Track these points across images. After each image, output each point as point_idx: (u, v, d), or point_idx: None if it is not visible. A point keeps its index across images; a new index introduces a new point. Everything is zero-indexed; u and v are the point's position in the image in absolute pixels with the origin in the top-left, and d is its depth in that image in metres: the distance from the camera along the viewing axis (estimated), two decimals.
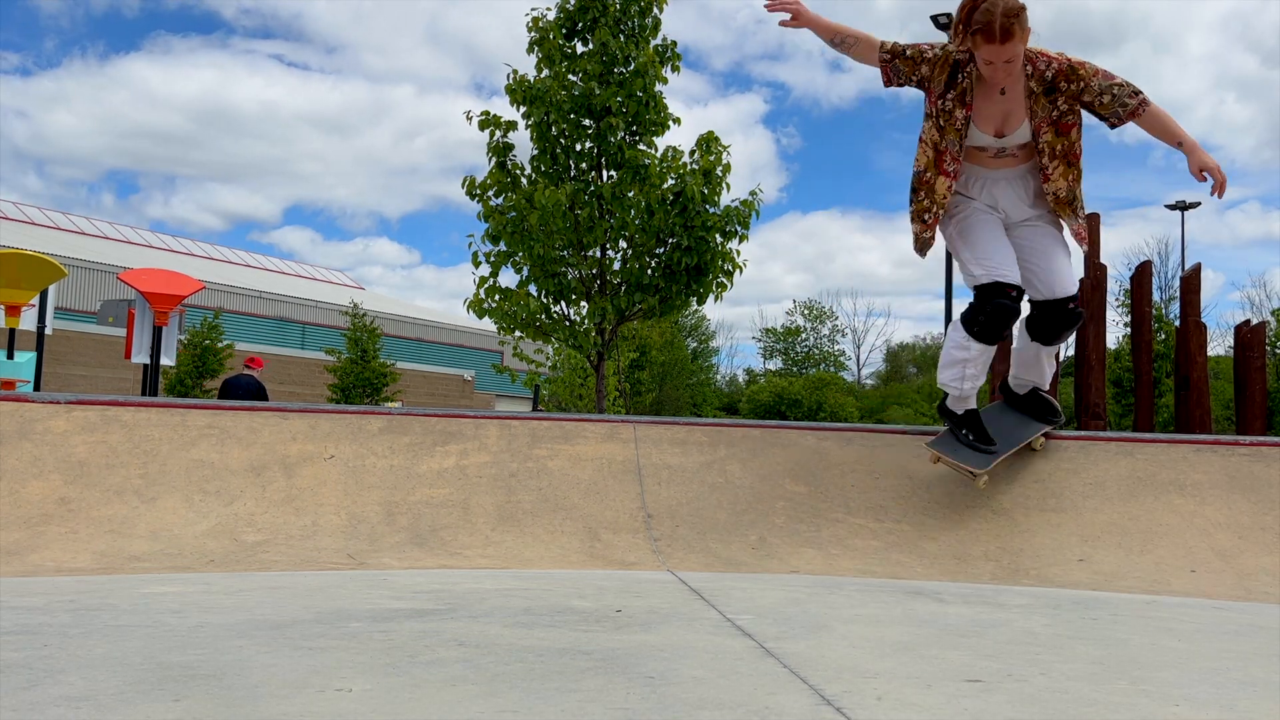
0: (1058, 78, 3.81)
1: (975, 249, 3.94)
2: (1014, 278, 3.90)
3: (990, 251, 3.92)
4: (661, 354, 42.53)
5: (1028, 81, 3.81)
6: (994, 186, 4.02)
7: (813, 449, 4.45)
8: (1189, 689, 1.90)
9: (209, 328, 26.05)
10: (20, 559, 3.30)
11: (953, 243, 4.08)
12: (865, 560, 3.71)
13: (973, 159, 3.98)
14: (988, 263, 3.89)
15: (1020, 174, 4.02)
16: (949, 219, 4.05)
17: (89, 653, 1.94)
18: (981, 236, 3.95)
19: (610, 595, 2.86)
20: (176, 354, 13.39)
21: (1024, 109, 3.84)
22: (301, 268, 54.89)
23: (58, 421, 4.10)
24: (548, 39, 11.38)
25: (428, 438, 4.32)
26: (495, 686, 1.76)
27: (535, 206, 10.70)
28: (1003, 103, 3.83)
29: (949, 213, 4.04)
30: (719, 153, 11.23)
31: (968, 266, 3.95)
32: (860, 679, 1.89)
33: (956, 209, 4.04)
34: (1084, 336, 6.27)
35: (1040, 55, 3.81)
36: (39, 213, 43.70)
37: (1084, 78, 3.80)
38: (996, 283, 3.86)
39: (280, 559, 3.46)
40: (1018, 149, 3.94)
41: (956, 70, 3.84)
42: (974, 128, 3.89)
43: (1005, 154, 3.95)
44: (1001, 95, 3.81)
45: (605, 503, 4.06)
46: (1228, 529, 3.97)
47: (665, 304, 11.50)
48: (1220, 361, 25.17)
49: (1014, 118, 3.86)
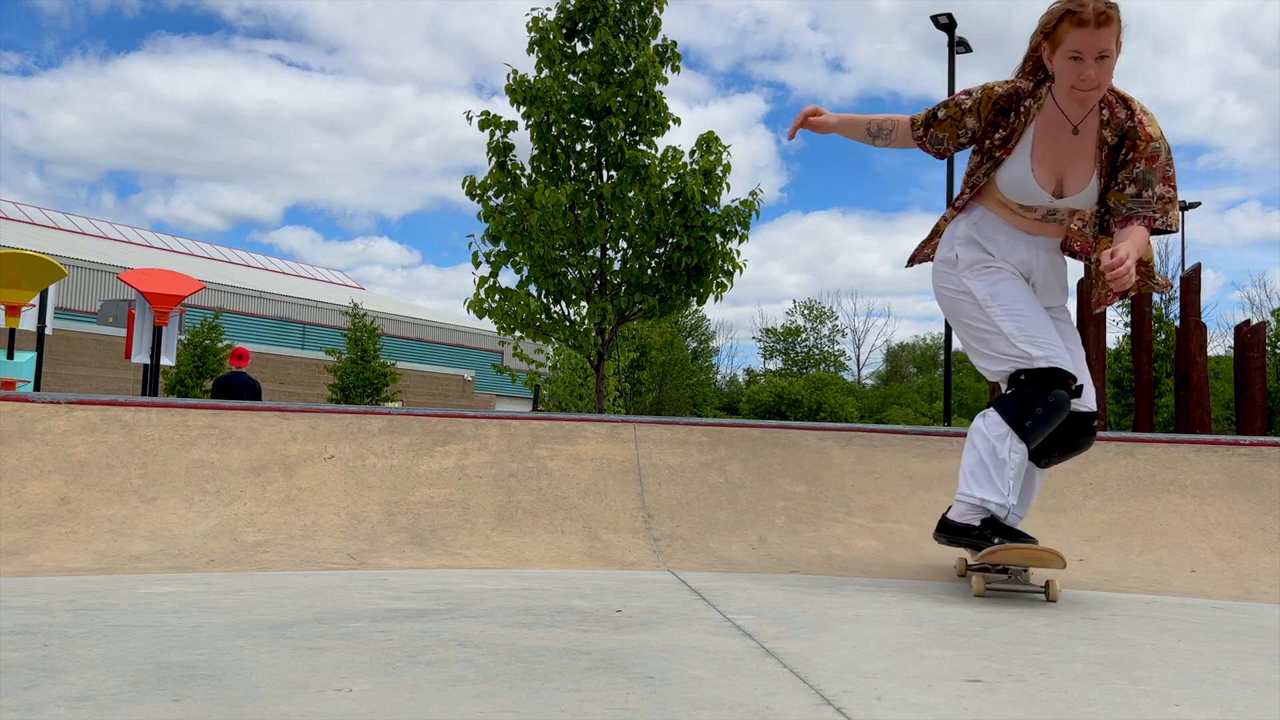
0: (1131, 136, 3.01)
1: (1023, 322, 3.03)
2: (1072, 368, 3.05)
3: (1044, 329, 3.05)
4: (661, 354, 42.55)
5: (1101, 128, 3.01)
6: (1031, 254, 3.16)
7: (813, 449, 4.45)
8: (1189, 689, 1.90)
9: (209, 328, 26.06)
10: (20, 559, 3.30)
11: (980, 310, 3.11)
12: (865, 560, 3.71)
13: (1008, 214, 3.15)
14: (1045, 343, 3.01)
15: (1056, 246, 3.24)
16: (973, 276, 3.13)
17: (89, 653, 1.94)
18: (1028, 309, 3.07)
19: (610, 595, 2.86)
20: (176, 354, 13.40)
21: (1093, 162, 3.03)
22: (301, 268, 54.91)
23: (58, 421, 4.10)
24: (548, 39, 11.39)
25: (428, 438, 4.32)
26: (495, 686, 1.76)
27: (535, 206, 10.71)
28: (1072, 148, 3.01)
29: (971, 268, 3.15)
30: (719, 153, 11.24)
31: (1014, 342, 3.02)
32: (860, 679, 1.89)
33: (983, 268, 3.14)
34: (1084, 336, 6.28)
35: (1120, 98, 3.02)
36: (39, 213, 43.70)
37: (1142, 153, 3.01)
38: (1058, 370, 2.99)
39: (280, 559, 3.46)
40: (1067, 215, 3.16)
41: (1013, 104, 3.04)
42: (1030, 176, 3.04)
43: (1054, 218, 3.14)
44: (1074, 135, 3.00)
45: (605, 503, 4.06)
46: (1228, 529, 3.97)
47: (665, 304, 11.51)
48: (1220, 361, 25.18)
49: (1077, 172, 3.04)
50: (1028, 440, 3.00)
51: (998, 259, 3.13)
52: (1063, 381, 2.99)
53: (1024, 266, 3.16)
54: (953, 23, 17.32)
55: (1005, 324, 3.05)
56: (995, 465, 3.01)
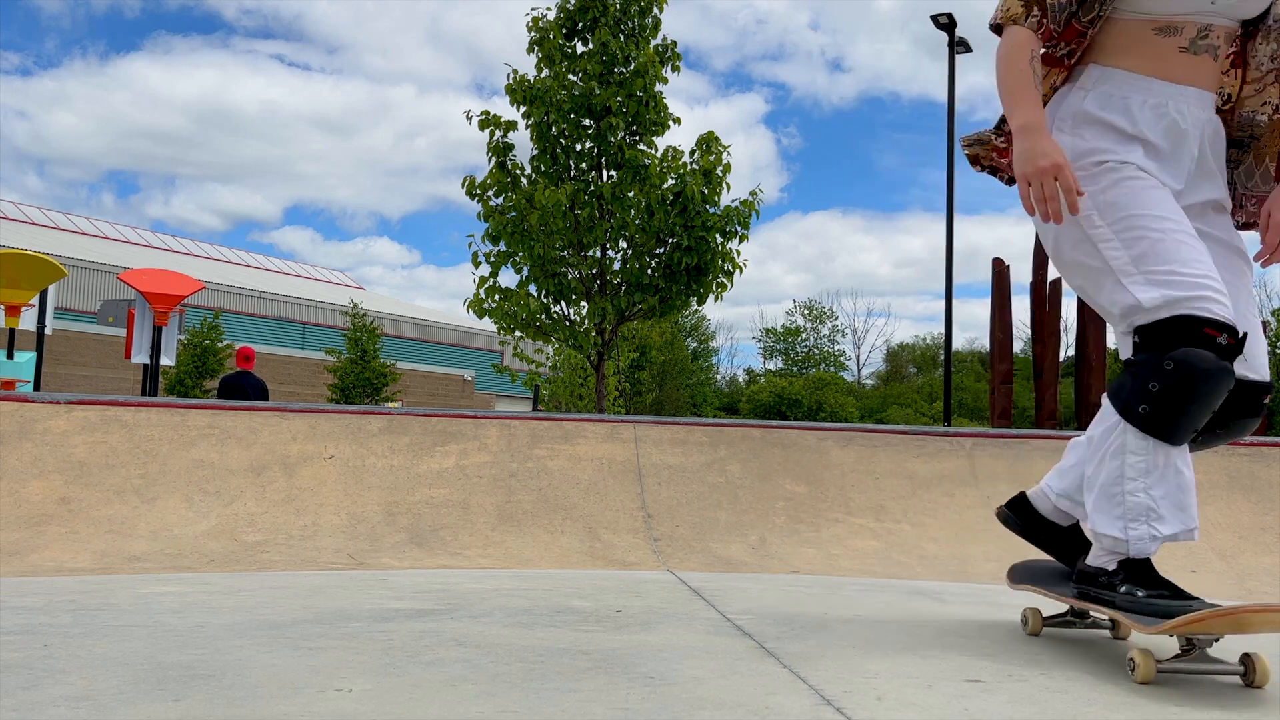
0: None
1: (1143, 245, 2.03)
2: (1229, 312, 2.00)
3: (1179, 251, 2.01)
4: (661, 354, 42.55)
5: None
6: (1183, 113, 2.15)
7: (813, 449, 4.45)
8: (1189, 689, 1.90)
9: (209, 328, 26.06)
10: (20, 559, 3.30)
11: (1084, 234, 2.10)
12: (865, 560, 3.71)
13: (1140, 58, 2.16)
14: (1173, 277, 1.99)
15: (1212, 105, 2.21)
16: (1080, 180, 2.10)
17: (89, 653, 1.94)
18: (1156, 222, 2.04)
19: (610, 595, 2.86)
20: (176, 354, 13.40)
21: None
22: (301, 268, 54.92)
23: (58, 421, 4.10)
24: (548, 39, 11.39)
25: (427, 438, 4.32)
26: (495, 686, 1.76)
27: (535, 206, 10.71)
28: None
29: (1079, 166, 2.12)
30: (719, 153, 11.24)
31: (1125, 282, 2.04)
32: (860, 679, 1.89)
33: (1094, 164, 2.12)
34: (1084, 336, 6.27)
35: None
36: (39, 213, 43.71)
37: None
38: (1190, 317, 1.97)
39: (280, 559, 3.46)
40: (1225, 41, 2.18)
41: None
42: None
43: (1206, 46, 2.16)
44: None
45: (605, 503, 4.06)
46: (1228, 529, 3.97)
47: (665, 304, 11.51)
48: None
49: None
50: (1163, 436, 2.00)
51: (1122, 148, 2.12)
52: (1198, 334, 1.96)
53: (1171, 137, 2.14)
54: (953, 22, 17.32)
55: (1115, 252, 2.05)
56: (1118, 480, 2.06)
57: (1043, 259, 6.32)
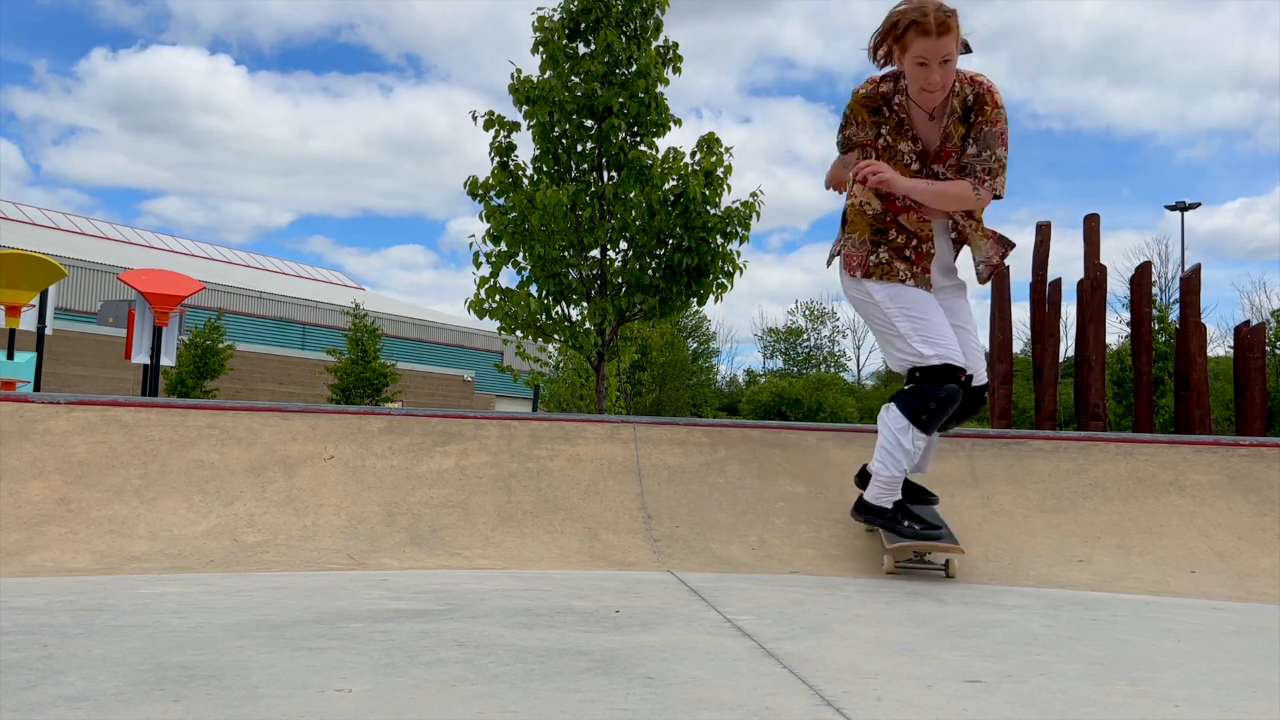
0: (979, 101, 3.35)
1: (919, 322, 3.39)
2: (964, 362, 3.42)
3: (939, 328, 3.40)
4: (662, 355, 42.52)
5: (951, 98, 3.36)
6: None
7: (813, 449, 4.45)
8: (1189, 689, 1.90)
9: (211, 329, 26.05)
10: (20, 559, 3.30)
11: (880, 310, 3.47)
12: (865, 560, 3.71)
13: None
14: (939, 342, 3.37)
15: (944, 224, 3.55)
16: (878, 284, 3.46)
17: (89, 653, 1.94)
18: (926, 308, 3.42)
19: (610, 595, 2.86)
20: (177, 354, 13.40)
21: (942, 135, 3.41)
22: (301, 268, 54.93)
23: (58, 421, 4.10)
24: (552, 39, 11.38)
25: (427, 438, 4.32)
26: (495, 687, 1.76)
27: (537, 207, 10.70)
28: (932, 131, 3.40)
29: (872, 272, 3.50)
30: (720, 154, 11.24)
31: (910, 343, 3.39)
32: (860, 679, 1.89)
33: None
34: (1084, 336, 6.27)
35: (969, 78, 3.39)
36: (39, 213, 43.72)
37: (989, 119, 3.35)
38: (950, 366, 3.36)
39: (280, 559, 3.46)
40: None
41: (881, 106, 3.42)
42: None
43: None
44: (931, 121, 3.38)
45: (605, 503, 4.06)
46: (1228, 529, 3.97)
47: (666, 305, 11.50)
48: (1220, 362, 25.16)
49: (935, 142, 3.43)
50: (926, 431, 3.42)
51: None
52: (954, 376, 3.37)
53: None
54: None
55: (902, 323, 3.42)
56: (900, 452, 3.44)
57: (1042, 259, 6.32)
